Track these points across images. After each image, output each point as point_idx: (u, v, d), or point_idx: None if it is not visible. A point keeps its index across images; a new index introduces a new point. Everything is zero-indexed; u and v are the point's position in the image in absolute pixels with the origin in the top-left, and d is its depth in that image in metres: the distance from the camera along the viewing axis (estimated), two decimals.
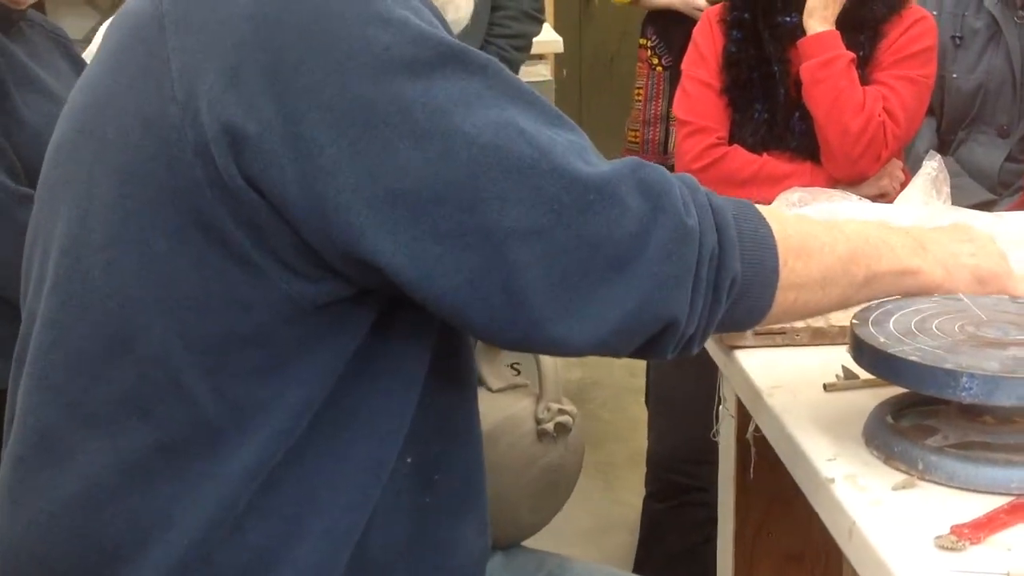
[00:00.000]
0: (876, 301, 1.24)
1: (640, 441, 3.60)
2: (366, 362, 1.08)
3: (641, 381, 3.56)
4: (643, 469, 3.39)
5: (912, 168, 2.71)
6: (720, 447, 1.81)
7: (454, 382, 1.18)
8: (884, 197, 2.44)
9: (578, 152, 1.03)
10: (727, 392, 1.73)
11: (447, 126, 0.98)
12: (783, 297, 1.12)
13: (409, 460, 1.13)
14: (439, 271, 0.98)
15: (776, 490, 1.73)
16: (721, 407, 1.78)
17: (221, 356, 1.04)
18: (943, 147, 2.98)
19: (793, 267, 1.12)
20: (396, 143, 0.97)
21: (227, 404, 1.05)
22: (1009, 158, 2.89)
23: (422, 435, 1.13)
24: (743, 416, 1.63)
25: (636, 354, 1.07)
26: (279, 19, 1.00)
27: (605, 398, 3.99)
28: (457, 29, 1.25)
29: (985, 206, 2.76)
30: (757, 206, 1.14)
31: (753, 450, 1.58)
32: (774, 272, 1.10)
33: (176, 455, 1.06)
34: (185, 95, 1.01)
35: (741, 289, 1.08)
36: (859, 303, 1.22)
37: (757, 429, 1.49)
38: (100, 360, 1.07)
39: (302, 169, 0.98)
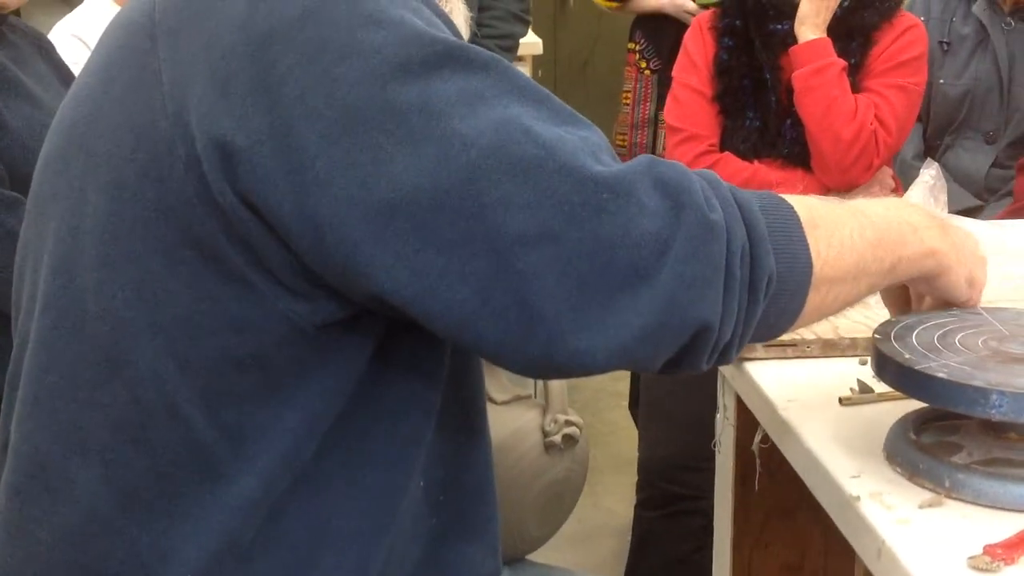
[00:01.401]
0: (896, 317, 1.22)
1: (621, 446, 3.61)
2: (373, 386, 1.04)
3: (622, 385, 3.55)
4: (625, 474, 3.40)
5: (899, 173, 2.71)
6: (718, 457, 1.79)
7: (465, 403, 1.14)
8: None
9: (591, 150, 0.97)
10: (728, 401, 1.72)
11: (444, 129, 0.93)
12: (815, 293, 1.06)
13: (422, 484, 1.10)
14: (444, 284, 0.93)
15: (775, 501, 1.71)
16: (720, 416, 1.76)
17: (216, 379, 1.00)
18: (929, 152, 2.99)
19: (826, 259, 1.06)
20: (390, 150, 0.92)
21: (224, 429, 1.01)
22: (995, 164, 2.90)
23: (433, 458, 1.10)
24: (744, 426, 1.62)
25: (668, 366, 1.00)
26: (268, 27, 0.96)
27: (585, 401, 3.97)
28: None
29: (971, 212, 2.78)
30: (781, 195, 1.08)
31: (758, 462, 1.57)
32: (808, 266, 1.04)
33: (173, 483, 1.02)
34: (176, 108, 0.97)
35: (776, 288, 1.02)
36: (882, 288, 1.19)
37: (764, 440, 1.48)
38: (93, 384, 1.04)
39: (294, 182, 0.93)
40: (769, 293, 1.02)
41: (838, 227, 1.09)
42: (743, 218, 1.00)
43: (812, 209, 1.08)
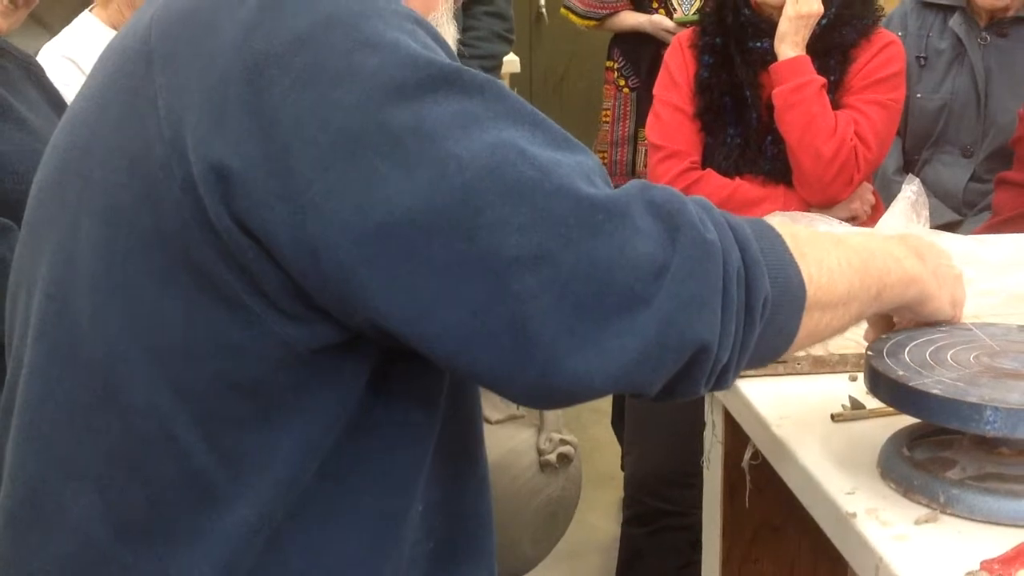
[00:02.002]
0: (888, 333, 1.24)
1: (603, 462, 3.62)
2: (371, 410, 1.03)
3: (603, 401, 3.56)
4: (608, 489, 3.41)
5: (879, 188, 2.74)
6: (706, 473, 1.80)
7: (463, 425, 1.14)
8: (855, 220, 2.47)
9: (585, 174, 0.96)
10: (716, 418, 1.73)
11: (438, 151, 0.92)
12: (808, 318, 1.06)
13: (421, 508, 1.09)
14: (439, 307, 0.92)
15: (764, 517, 1.73)
16: (708, 433, 1.77)
17: (212, 404, 0.99)
18: (907, 167, 3.01)
19: (819, 284, 1.07)
20: (385, 173, 0.92)
21: (220, 455, 1.00)
22: (973, 178, 2.93)
23: (431, 481, 1.09)
24: (733, 443, 1.63)
25: (666, 391, 1.00)
26: (264, 51, 0.96)
27: (567, 419, 3.96)
28: None
29: (950, 227, 2.80)
30: (768, 221, 1.09)
31: (748, 479, 1.58)
32: (801, 290, 1.05)
33: (170, 511, 1.01)
34: (172, 133, 0.97)
35: (771, 311, 1.02)
36: (868, 315, 1.19)
37: (754, 457, 1.49)
38: (88, 410, 1.03)
39: (290, 206, 0.93)
40: (765, 316, 1.02)
41: (826, 255, 1.10)
42: (737, 241, 1.00)
43: (797, 237, 1.09)
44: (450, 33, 1.27)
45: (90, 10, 2.71)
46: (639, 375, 0.96)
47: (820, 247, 1.10)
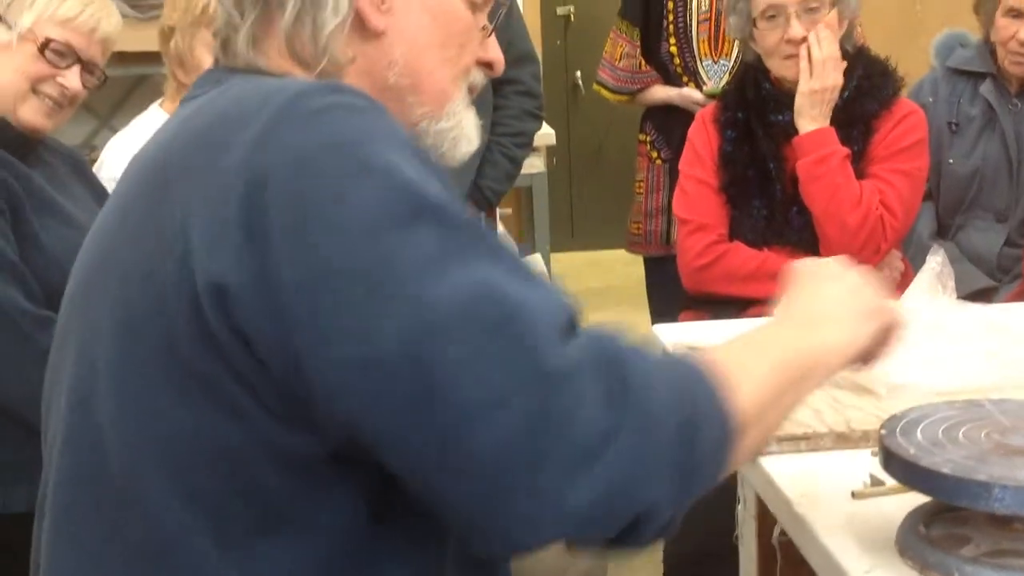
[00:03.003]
0: (900, 410, 1.25)
1: None
2: (381, 518, 1.06)
3: None
4: (641, 561, 3.39)
5: (915, 253, 2.74)
6: (741, 550, 1.81)
7: None
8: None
9: (553, 318, 0.99)
10: (747, 493, 1.74)
11: (412, 287, 0.96)
12: (744, 440, 1.06)
13: None
14: (406, 438, 0.96)
15: None
16: (740, 508, 1.78)
17: (222, 510, 1.03)
18: (942, 232, 3.02)
19: (745, 409, 1.05)
20: (358, 305, 0.96)
21: (232, 562, 1.03)
22: (1008, 243, 2.93)
23: (450, 570, 1.12)
24: (764, 518, 1.64)
25: (613, 545, 1.00)
26: (263, 173, 1.00)
27: None
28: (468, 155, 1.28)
29: (985, 292, 2.79)
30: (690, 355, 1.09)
31: (779, 555, 1.59)
32: (736, 431, 1.04)
33: None
34: (182, 249, 1.02)
35: (711, 457, 1.02)
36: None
37: (783, 533, 1.50)
38: (113, 513, 1.07)
39: (277, 326, 0.98)
40: (706, 464, 1.02)
41: (743, 366, 1.09)
42: (680, 399, 1.01)
43: (716, 364, 1.07)
44: (472, 120, 1.30)
45: (160, 104, 2.78)
46: (586, 530, 0.98)
47: (738, 360, 1.09)
